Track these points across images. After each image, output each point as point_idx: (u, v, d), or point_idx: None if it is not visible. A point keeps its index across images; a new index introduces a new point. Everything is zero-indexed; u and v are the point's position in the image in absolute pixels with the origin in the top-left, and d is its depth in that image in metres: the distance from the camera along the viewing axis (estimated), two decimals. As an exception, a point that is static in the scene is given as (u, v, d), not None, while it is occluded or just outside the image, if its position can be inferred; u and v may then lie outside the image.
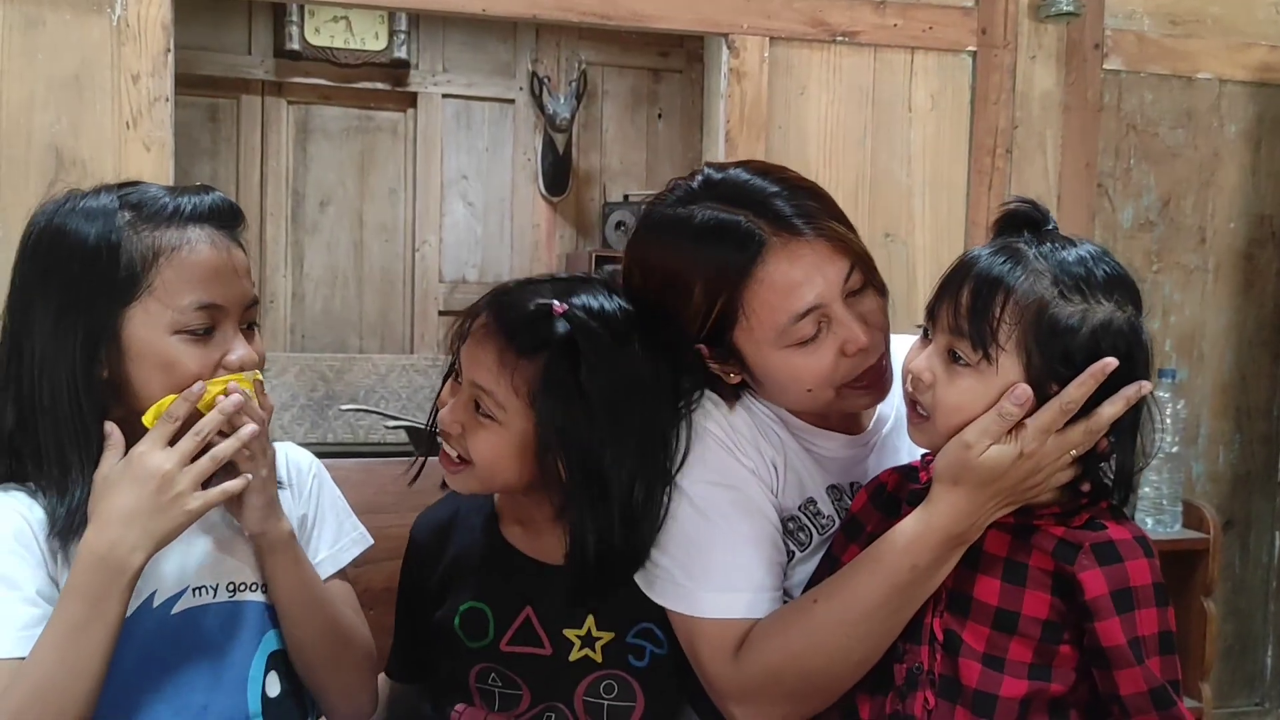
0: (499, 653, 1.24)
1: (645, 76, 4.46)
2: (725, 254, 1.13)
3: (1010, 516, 1.07)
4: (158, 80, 2.18)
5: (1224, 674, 2.94)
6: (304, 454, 1.32)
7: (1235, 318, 2.91)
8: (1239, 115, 2.87)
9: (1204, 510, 2.66)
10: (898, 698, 1.09)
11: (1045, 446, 1.03)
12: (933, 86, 2.64)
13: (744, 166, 1.20)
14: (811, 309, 1.12)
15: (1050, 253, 1.04)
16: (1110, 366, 1.00)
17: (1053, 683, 1.04)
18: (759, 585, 1.17)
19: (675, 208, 1.19)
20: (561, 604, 1.23)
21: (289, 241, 4.19)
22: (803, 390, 1.16)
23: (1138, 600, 1.01)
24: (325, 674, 1.20)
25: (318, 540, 1.27)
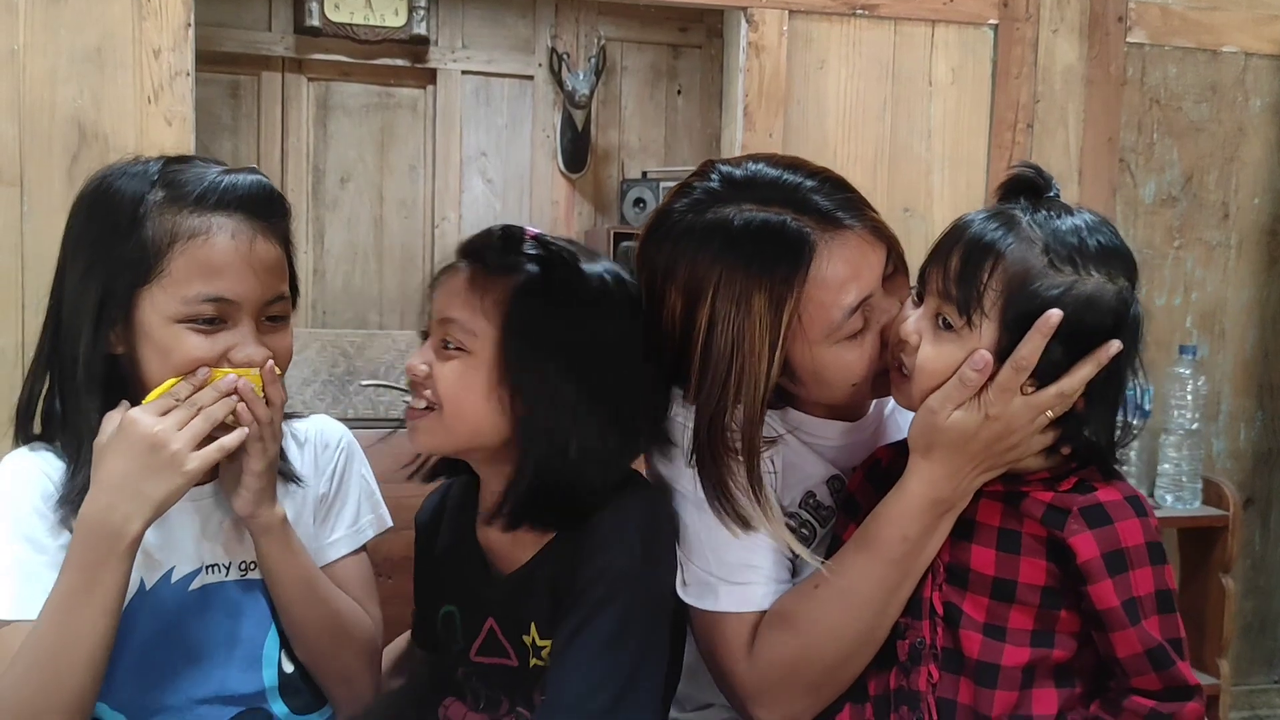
0: (470, 662, 1.21)
1: (665, 52, 4.44)
2: (777, 257, 1.07)
3: (999, 484, 1.07)
4: (178, 55, 2.19)
5: (1243, 651, 2.93)
6: (336, 429, 1.30)
7: (1258, 294, 2.88)
8: (1264, 89, 2.84)
9: (1224, 487, 2.65)
10: (902, 673, 1.09)
11: (1013, 408, 1.02)
12: (953, 60, 2.62)
13: (762, 161, 1.15)
14: (862, 301, 1.10)
15: (1045, 220, 1.03)
16: (1054, 318, 0.99)
17: (1055, 649, 1.04)
18: (770, 577, 1.17)
19: (704, 213, 1.11)
20: (516, 611, 1.18)
21: (310, 218, 4.20)
22: (849, 385, 1.14)
23: (1130, 561, 1.01)
24: (320, 659, 1.19)
25: (336, 519, 1.26)
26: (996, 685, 1.03)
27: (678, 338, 1.12)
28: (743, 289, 1.08)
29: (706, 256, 1.09)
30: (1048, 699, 1.04)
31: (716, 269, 1.09)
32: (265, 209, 1.12)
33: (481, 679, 1.22)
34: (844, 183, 1.14)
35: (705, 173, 1.16)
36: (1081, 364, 1.02)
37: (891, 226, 1.16)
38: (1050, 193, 1.07)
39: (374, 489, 1.30)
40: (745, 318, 1.08)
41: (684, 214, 1.13)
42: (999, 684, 1.03)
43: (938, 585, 1.08)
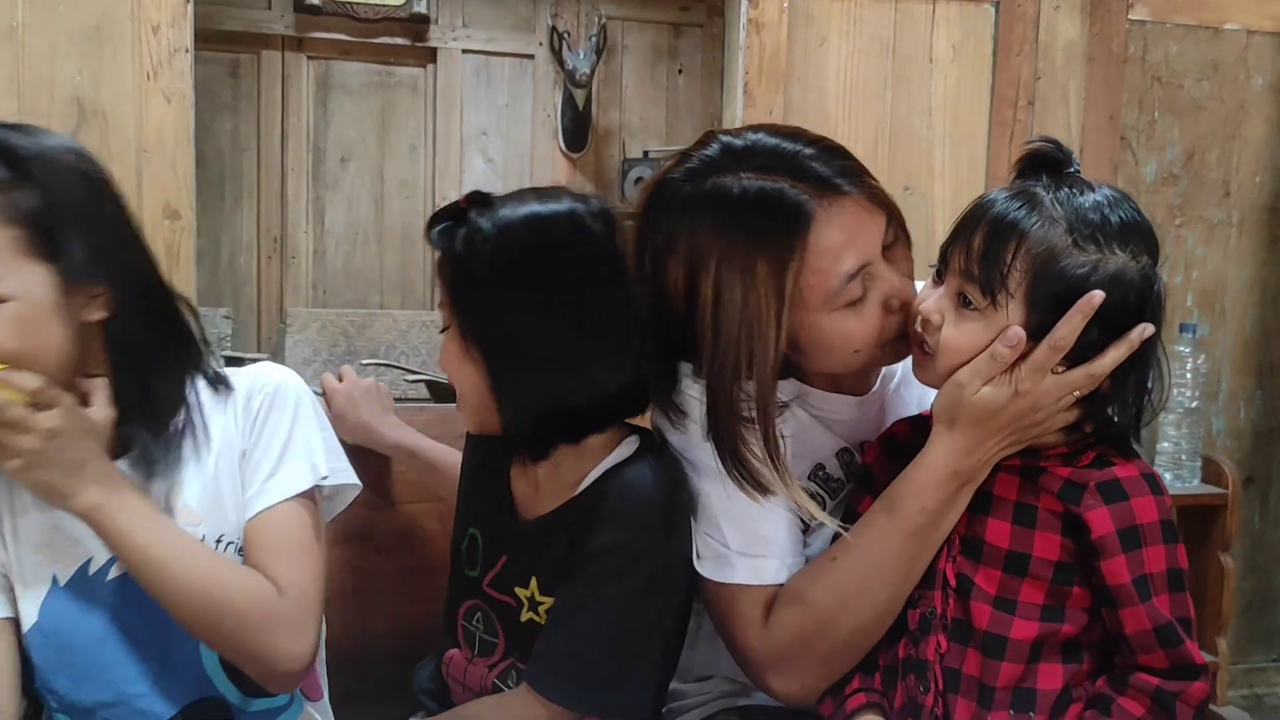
0: (483, 591, 1.24)
1: (666, 31, 4.42)
2: (776, 224, 1.08)
3: (1017, 459, 1.08)
4: (177, 31, 2.18)
5: (1242, 630, 2.94)
6: (263, 379, 1.20)
7: (1259, 273, 2.88)
8: (1266, 67, 2.82)
9: (1223, 465, 2.66)
10: (911, 643, 1.10)
11: (1043, 386, 1.03)
12: (954, 37, 2.61)
13: (761, 130, 1.15)
14: (860, 268, 1.10)
15: (1067, 199, 1.03)
16: (1096, 299, 1.00)
17: (1064, 624, 1.04)
18: (785, 549, 1.18)
19: (704, 181, 1.12)
20: (522, 561, 1.21)
21: (310, 198, 4.18)
22: (850, 352, 1.14)
23: (1144, 538, 1.02)
24: (205, 638, 1.11)
25: (252, 474, 1.16)
26: (1004, 657, 1.04)
27: (682, 310, 1.13)
28: (745, 257, 1.08)
29: (707, 227, 1.10)
30: (1053, 673, 1.05)
31: (718, 239, 1.09)
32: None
33: (485, 615, 1.24)
34: (842, 150, 1.15)
35: (705, 143, 1.16)
36: (1115, 345, 1.02)
37: (897, 205, 1.16)
38: (1070, 168, 1.07)
39: (310, 440, 1.18)
40: (750, 285, 1.08)
41: (682, 184, 1.13)
42: (1006, 655, 1.04)
43: (952, 557, 1.09)
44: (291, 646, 1.10)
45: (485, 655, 1.25)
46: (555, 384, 1.14)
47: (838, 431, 1.24)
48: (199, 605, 1.07)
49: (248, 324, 4.11)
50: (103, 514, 1.05)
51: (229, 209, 4.06)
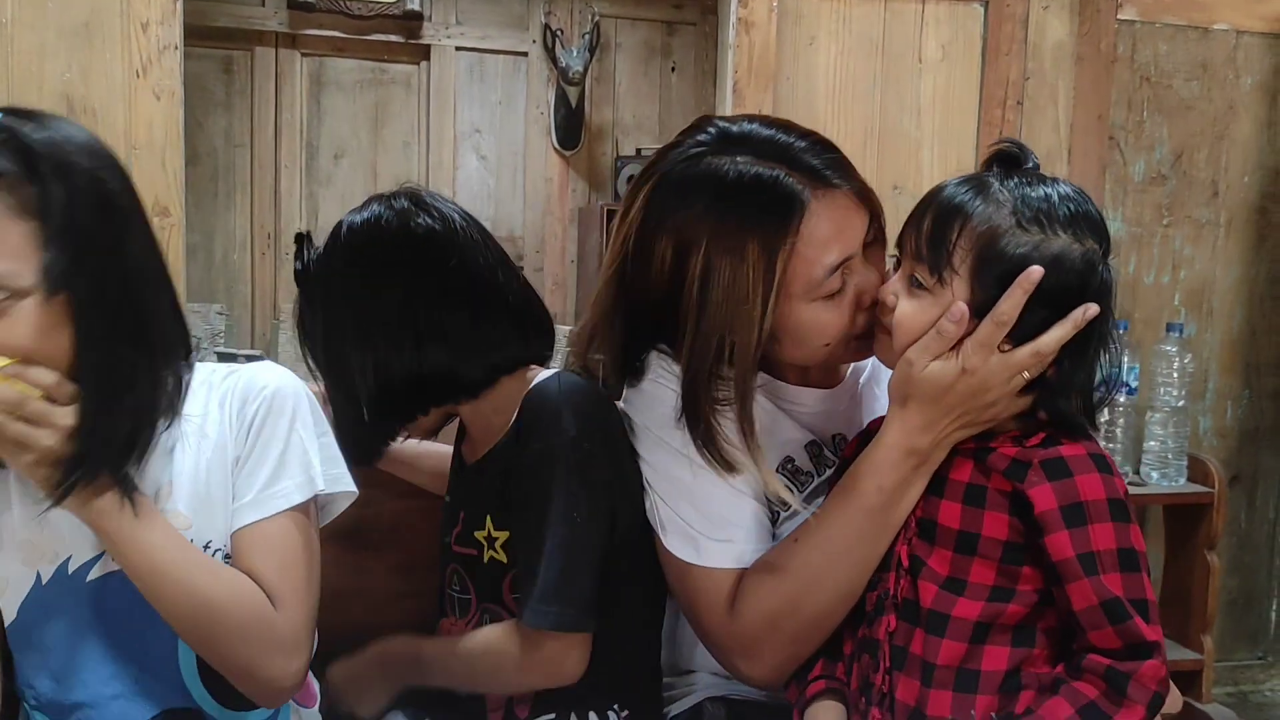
0: (453, 552, 1.30)
1: (658, 29, 4.43)
2: (771, 208, 1.09)
3: (972, 442, 1.08)
4: (167, 28, 2.19)
5: (1228, 627, 2.96)
6: (262, 381, 1.14)
7: (1246, 272, 2.89)
8: (1255, 67, 2.83)
9: (1209, 464, 2.67)
10: (866, 624, 1.11)
11: (989, 365, 1.04)
12: (944, 37, 2.62)
13: (755, 120, 1.16)
14: (843, 261, 1.12)
15: (1016, 186, 1.05)
16: (1035, 274, 1.01)
17: (1012, 604, 1.04)
18: (752, 535, 1.19)
19: (698, 163, 1.12)
20: (475, 506, 1.27)
21: (304, 194, 4.20)
22: (821, 344, 1.15)
23: (1090, 515, 1.01)
24: (200, 650, 1.07)
25: (246, 483, 1.11)
26: (944, 634, 1.04)
27: (664, 290, 1.14)
28: (737, 239, 1.09)
29: (700, 207, 1.11)
30: (998, 655, 1.04)
31: (710, 218, 1.10)
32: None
33: (459, 575, 1.29)
34: (832, 145, 1.16)
35: (700, 127, 1.17)
36: (1058, 325, 1.03)
37: (881, 204, 1.17)
38: (1027, 164, 1.09)
39: (307, 448, 1.13)
40: (740, 267, 1.09)
41: (676, 165, 1.14)
42: (947, 633, 1.04)
43: (908, 539, 1.09)
44: (286, 663, 1.08)
45: (464, 615, 1.29)
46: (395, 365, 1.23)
47: (806, 424, 1.25)
48: (196, 615, 1.04)
49: (242, 320, 4.12)
50: (107, 519, 1.02)
51: (222, 205, 4.07)
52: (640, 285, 1.16)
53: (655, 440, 1.21)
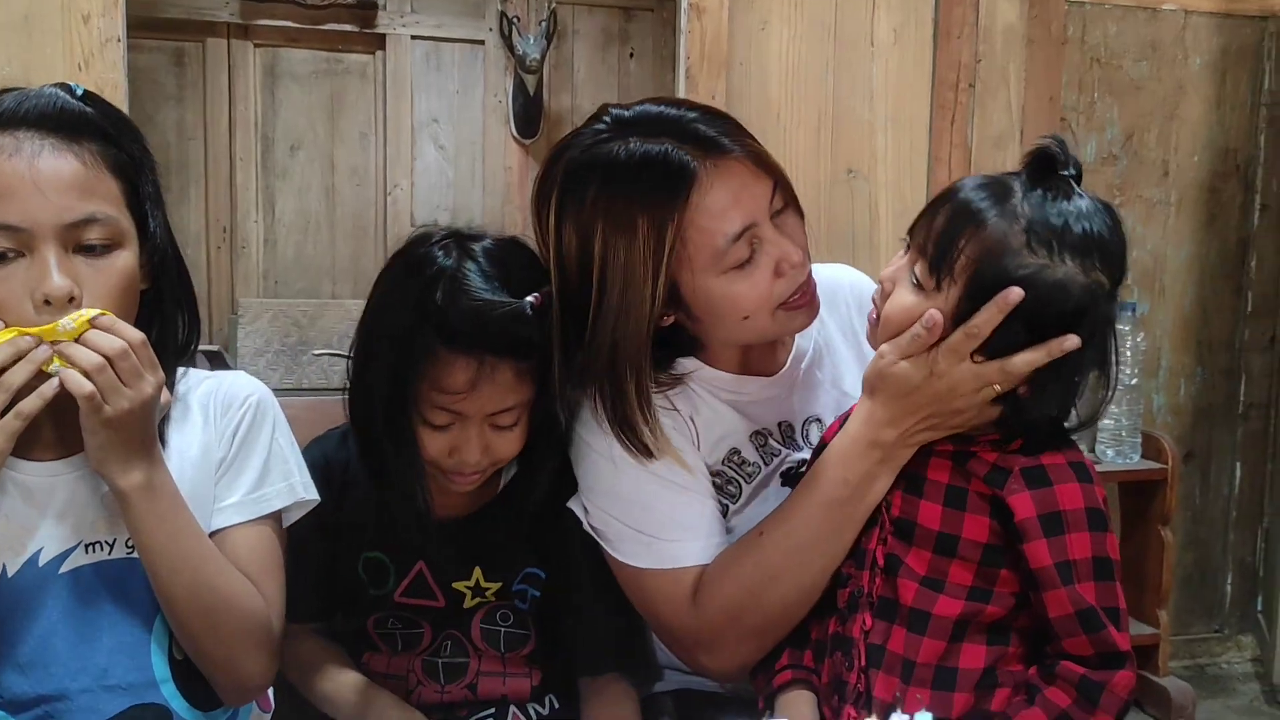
0: (394, 603, 1.27)
1: (616, 15, 4.41)
2: (659, 183, 1.11)
3: (950, 444, 1.09)
4: (109, 20, 2.15)
5: (1184, 602, 3.00)
6: (243, 388, 1.19)
7: (1198, 251, 2.92)
8: (1203, 47, 2.86)
9: (1163, 441, 2.70)
10: (839, 621, 1.11)
11: (958, 372, 1.04)
12: (895, 20, 2.62)
13: (649, 101, 1.19)
14: (745, 229, 1.12)
15: (1040, 200, 1.03)
16: (1012, 296, 1.01)
17: (990, 605, 1.05)
18: (708, 531, 1.19)
19: (593, 150, 1.14)
20: (452, 558, 1.26)
21: (259, 187, 4.15)
22: (740, 318, 1.16)
23: (1067, 524, 1.02)
24: (194, 640, 1.08)
25: (232, 484, 1.14)
26: (926, 633, 1.05)
27: (576, 280, 1.14)
28: (626, 216, 1.11)
29: (593, 193, 1.12)
30: (976, 653, 1.06)
31: (603, 203, 1.12)
32: (56, 121, 1.01)
33: (400, 620, 1.27)
34: (724, 115, 1.17)
35: (597, 117, 1.18)
36: (1033, 349, 1.03)
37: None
38: (1066, 171, 1.06)
39: (289, 457, 1.18)
40: (631, 243, 1.10)
41: (573, 155, 1.15)
42: (928, 631, 1.05)
43: (884, 539, 1.10)
44: (270, 662, 1.12)
45: (410, 649, 1.28)
46: None
47: (749, 414, 1.25)
48: (202, 604, 1.06)
49: (198, 315, 4.08)
50: (150, 493, 1.03)
51: (176, 199, 4.01)
52: (560, 281, 1.16)
53: (596, 455, 1.20)
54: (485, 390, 1.14)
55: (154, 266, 1.10)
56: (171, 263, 1.12)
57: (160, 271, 1.11)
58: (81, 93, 1.07)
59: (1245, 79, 2.89)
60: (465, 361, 1.13)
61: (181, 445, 1.13)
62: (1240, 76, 2.89)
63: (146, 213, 1.08)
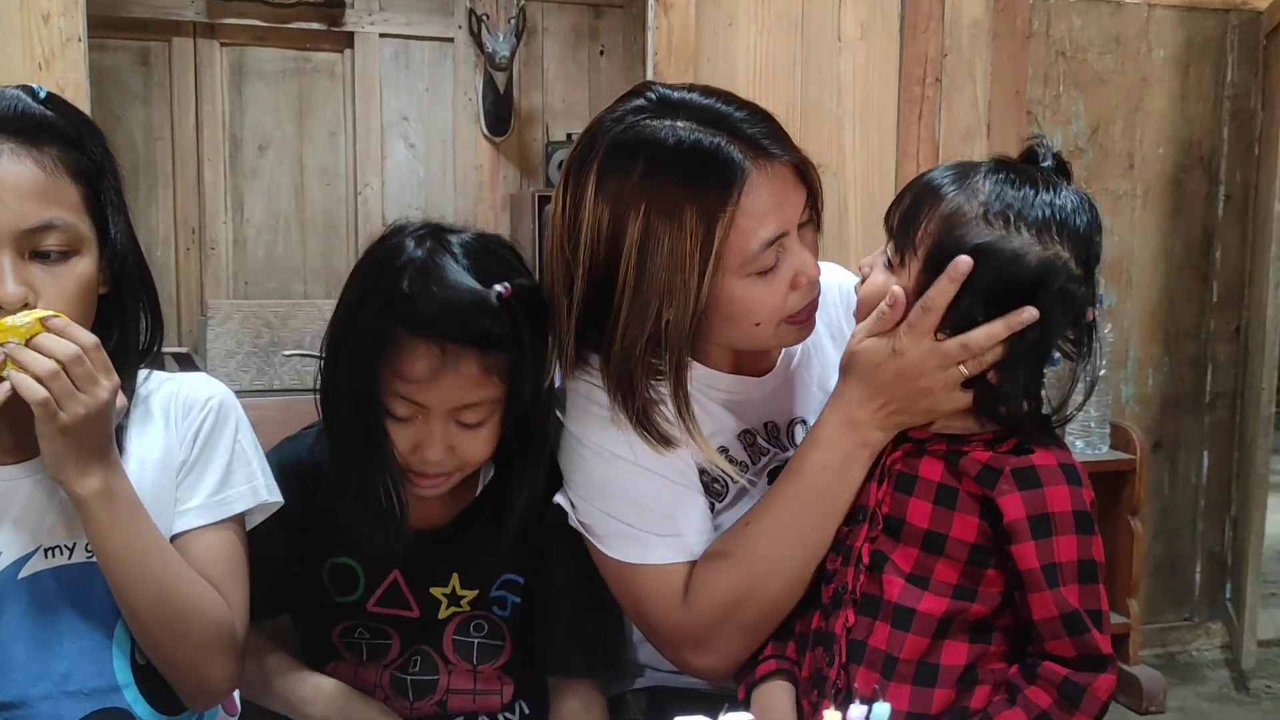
0: (365, 612, 1.24)
1: (586, 12, 4.41)
2: (711, 175, 1.06)
3: (944, 444, 1.08)
4: (69, 20, 2.13)
5: (1154, 591, 3.02)
6: (203, 390, 1.17)
7: (1164, 243, 2.95)
8: (1167, 40, 2.88)
9: (1131, 431, 2.72)
10: (823, 616, 1.11)
11: (921, 349, 1.05)
12: (861, 15, 2.63)
13: (695, 89, 1.14)
14: (778, 236, 1.10)
15: (1003, 180, 1.04)
16: (962, 265, 1.01)
17: (975, 603, 1.05)
18: (699, 527, 1.18)
19: (638, 127, 1.09)
20: (429, 565, 1.23)
21: (228, 187, 4.13)
22: (751, 324, 1.14)
23: (1056, 526, 1.01)
24: (157, 646, 1.06)
25: (194, 487, 1.13)
26: (910, 629, 1.05)
27: (601, 259, 1.10)
28: (675, 204, 1.07)
29: (638, 170, 1.08)
30: (958, 650, 1.06)
31: (648, 183, 1.08)
32: (16, 124, 1.00)
33: (370, 629, 1.24)
34: (771, 117, 1.14)
35: (639, 92, 1.14)
36: (991, 323, 1.03)
37: (820, 181, 1.16)
38: (1043, 164, 1.07)
39: (252, 459, 1.16)
40: (678, 234, 1.07)
41: (613, 130, 1.11)
42: (912, 628, 1.05)
43: (871, 536, 1.09)
44: (233, 666, 1.10)
45: (378, 659, 1.25)
46: None
47: (738, 413, 1.24)
48: (164, 611, 1.05)
49: (167, 317, 4.00)
50: (101, 503, 1.01)
51: (144, 200, 3.98)
52: (577, 257, 1.11)
53: (586, 450, 1.18)
54: (448, 381, 1.11)
55: (114, 271, 1.08)
56: (132, 267, 1.10)
57: (121, 275, 1.09)
58: (44, 95, 1.05)
59: (1208, 71, 2.92)
60: (427, 348, 1.09)
61: (142, 449, 1.12)
62: (1203, 69, 2.92)
63: (107, 217, 1.06)
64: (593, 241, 1.10)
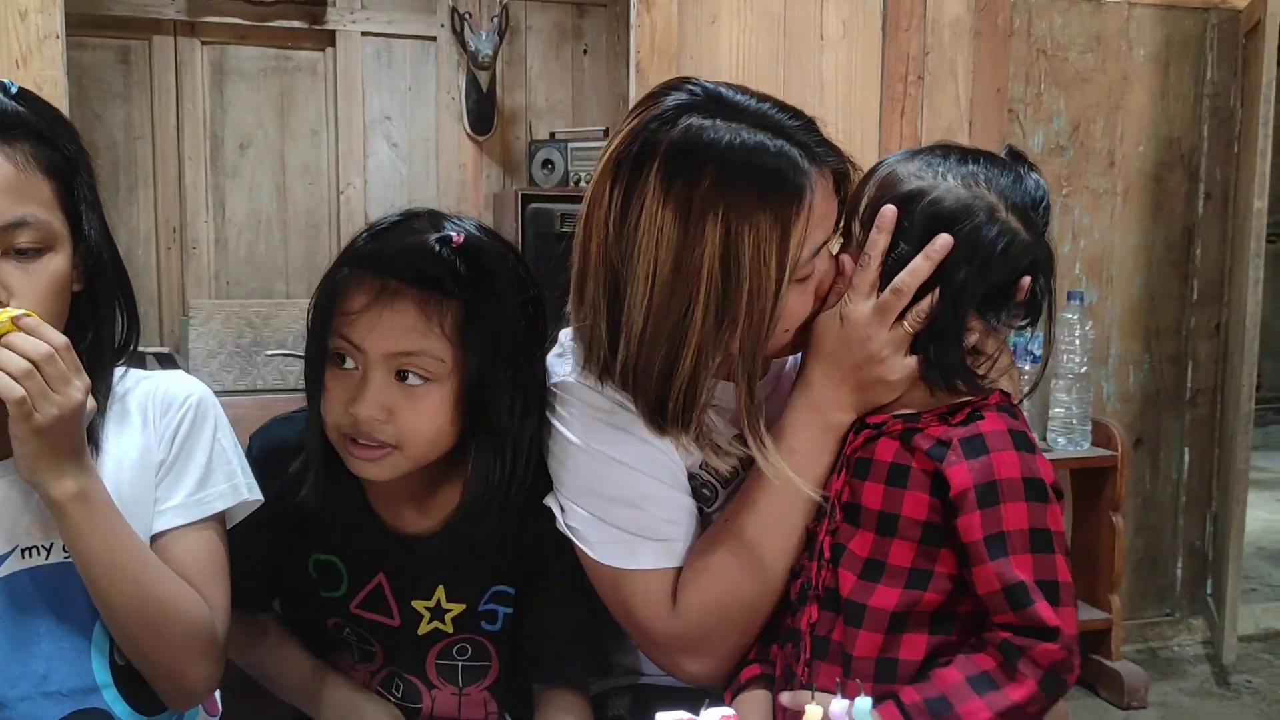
0: (349, 612, 1.21)
1: (569, 12, 4.39)
2: (783, 179, 1.04)
3: (899, 424, 1.08)
4: (47, 17, 2.11)
5: (1136, 586, 3.04)
6: (182, 388, 1.15)
7: (1144, 240, 2.96)
8: (1147, 39, 2.90)
9: (1112, 428, 2.74)
10: (791, 613, 1.11)
11: (863, 311, 1.06)
12: (844, 13, 2.63)
13: (736, 89, 1.11)
14: (823, 244, 1.09)
15: (941, 153, 1.07)
16: (888, 212, 1.03)
17: (927, 591, 1.03)
18: (685, 532, 1.17)
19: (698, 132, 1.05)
20: (414, 575, 1.19)
21: (209, 186, 4.10)
22: (782, 330, 1.11)
23: (1003, 494, 0.99)
24: (137, 648, 1.06)
25: (174, 486, 1.12)
26: (861, 625, 1.04)
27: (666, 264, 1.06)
28: (752, 208, 1.04)
29: (710, 172, 1.04)
30: (916, 644, 1.04)
31: (724, 188, 1.04)
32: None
33: (355, 630, 1.22)
34: (815, 124, 1.12)
35: (678, 86, 1.11)
36: (914, 261, 1.04)
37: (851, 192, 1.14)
38: None
39: (232, 458, 1.15)
40: (757, 237, 1.04)
41: (673, 133, 1.06)
42: (864, 624, 1.04)
43: (832, 528, 1.09)
44: (214, 667, 1.09)
45: (366, 662, 1.24)
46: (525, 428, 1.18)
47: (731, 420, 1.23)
48: (145, 613, 1.04)
49: (149, 317, 4.01)
50: (76, 506, 1.00)
51: (124, 199, 3.95)
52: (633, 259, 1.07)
53: (578, 451, 1.16)
54: (385, 320, 1.06)
55: (88, 268, 1.07)
56: (107, 264, 1.08)
57: (95, 273, 1.07)
58: (16, 91, 1.04)
59: (1188, 70, 2.94)
60: (368, 283, 1.07)
61: (120, 447, 1.10)
62: (1183, 68, 2.94)
63: (81, 214, 1.05)
64: (655, 245, 1.06)
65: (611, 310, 1.09)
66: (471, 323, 1.08)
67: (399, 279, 1.06)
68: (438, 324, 1.07)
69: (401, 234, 1.11)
